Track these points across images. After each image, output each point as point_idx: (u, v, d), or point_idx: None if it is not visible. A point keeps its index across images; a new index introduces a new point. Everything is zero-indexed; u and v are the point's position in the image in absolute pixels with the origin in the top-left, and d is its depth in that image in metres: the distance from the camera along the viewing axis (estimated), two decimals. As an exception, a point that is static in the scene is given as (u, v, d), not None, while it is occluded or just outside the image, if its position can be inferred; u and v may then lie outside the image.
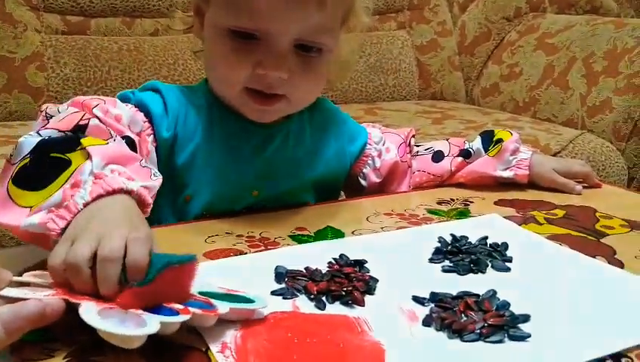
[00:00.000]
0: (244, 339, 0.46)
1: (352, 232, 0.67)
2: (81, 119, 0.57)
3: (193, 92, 0.75)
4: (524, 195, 0.81)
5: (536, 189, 0.84)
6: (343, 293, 0.52)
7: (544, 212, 0.75)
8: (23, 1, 1.63)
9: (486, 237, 0.64)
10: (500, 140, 0.84)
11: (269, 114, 0.72)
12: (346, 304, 0.51)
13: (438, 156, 0.86)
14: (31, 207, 0.51)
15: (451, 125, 1.68)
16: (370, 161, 0.84)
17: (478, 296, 0.52)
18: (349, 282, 0.53)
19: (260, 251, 0.61)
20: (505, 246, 0.62)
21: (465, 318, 0.49)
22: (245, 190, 0.74)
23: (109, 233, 0.46)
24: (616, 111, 1.66)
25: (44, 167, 0.52)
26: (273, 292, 0.53)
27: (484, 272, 0.58)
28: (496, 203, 0.78)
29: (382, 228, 0.68)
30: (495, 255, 0.60)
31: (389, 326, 0.48)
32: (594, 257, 0.62)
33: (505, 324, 0.48)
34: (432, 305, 0.51)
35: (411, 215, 0.72)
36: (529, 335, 0.47)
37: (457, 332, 0.47)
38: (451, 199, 0.79)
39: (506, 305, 0.51)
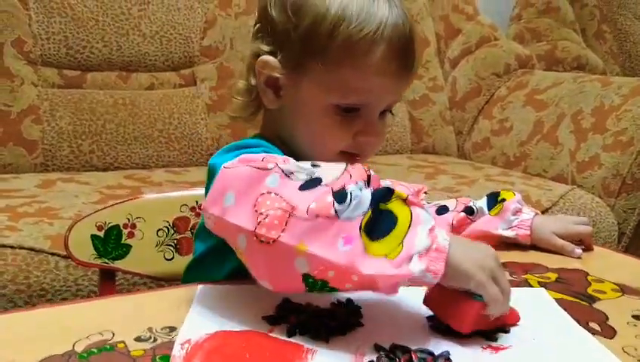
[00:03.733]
0: (205, 340, 0.53)
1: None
2: (367, 171, 0.58)
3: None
4: (518, 257, 0.82)
5: (534, 250, 0.85)
6: (314, 328, 0.56)
7: (537, 275, 0.75)
8: (20, 56, 1.66)
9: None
10: (503, 200, 0.85)
11: None
12: (312, 337, 0.55)
13: (442, 210, 0.89)
14: (386, 255, 0.53)
15: (443, 180, 1.70)
16: None
17: (431, 354, 0.53)
18: (327, 319, 0.58)
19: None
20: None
21: None
22: None
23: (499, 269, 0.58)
24: (604, 168, 1.69)
25: (379, 218, 0.55)
26: (263, 317, 0.58)
27: (468, 336, 0.57)
28: (489, 265, 0.79)
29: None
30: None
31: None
32: (587, 324, 0.62)
33: None
34: (384, 353, 0.53)
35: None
36: None
37: None
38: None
39: None
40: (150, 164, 1.72)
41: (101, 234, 0.92)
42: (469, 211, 0.87)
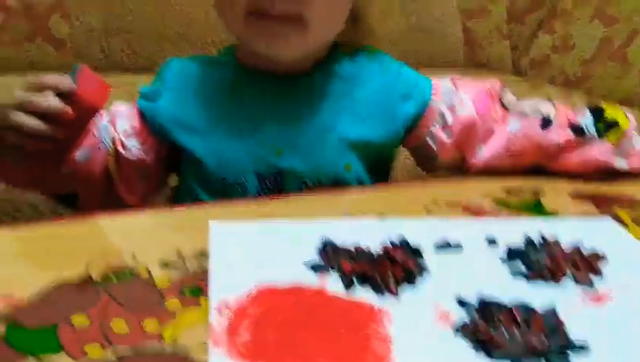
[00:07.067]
0: (249, 303, 0.42)
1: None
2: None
3: (208, 59, 0.72)
4: (603, 187, 0.70)
5: (616, 179, 0.73)
6: (377, 278, 0.45)
7: (629, 210, 0.64)
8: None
9: (579, 248, 0.52)
10: (614, 123, 0.71)
11: (284, 42, 0.64)
12: (376, 290, 0.45)
13: (546, 122, 0.71)
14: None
15: (499, 98, 1.56)
16: (438, 118, 0.72)
17: (532, 310, 0.43)
18: (389, 266, 0.47)
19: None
20: (603, 259, 0.51)
21: (506, 334, 0.40)
22: (265, 147, 0.66)
23: None
24: (680, 92, 1.53)
25: None
26: (307, 264, 0.48)
27: (557, 281, 0.48)
28: (572, 195, 0.67)
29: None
30: (580, 265, 0.50)
31: (412, 325, 0.41)
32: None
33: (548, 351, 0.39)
34: (475, 311, 0.43)
35: (476, 207, 0.62)
36: None
37: (487, 347, 0.39)
38: (519, 188, 0.68)
39: (556, 326, 0.41)
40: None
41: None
42: (579, 131, 0.71)
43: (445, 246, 0.52)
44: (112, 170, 0.66)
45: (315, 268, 0.47)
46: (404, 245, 0.50)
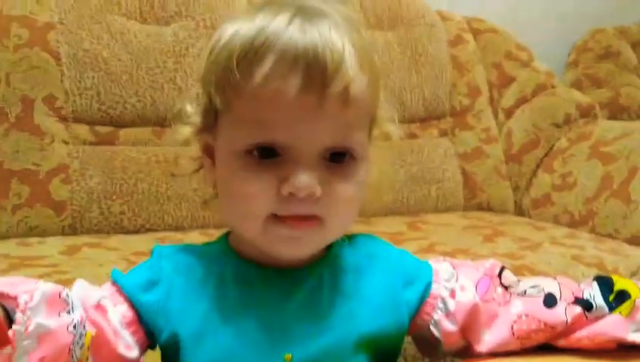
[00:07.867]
0: None
1: None
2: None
3: (202, 251, 0.67)
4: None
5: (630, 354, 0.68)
6: None
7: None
8: (51, 113, 1.57)
9: None
10: (624, 293, 0.67)
11: (301, 243, 0.61)
12: None
13: (550, 300, 0.68)
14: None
15: (504, 244, 1.53)
16: (440, 304, 0.68)
17: None
18: None
19: None
20: None
21: None
22: (274, 352, 0.61)
23: None
24: (688, 229, 1.51)
25: None
26: None
27: None
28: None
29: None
30: None
31: None
32: None
33: None
34: None
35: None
36: None
37: None
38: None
39: None
40: (184, 226, 1.61)
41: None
42: (587, 306, 0.67)
43: None
44: None
45: None
46: None
